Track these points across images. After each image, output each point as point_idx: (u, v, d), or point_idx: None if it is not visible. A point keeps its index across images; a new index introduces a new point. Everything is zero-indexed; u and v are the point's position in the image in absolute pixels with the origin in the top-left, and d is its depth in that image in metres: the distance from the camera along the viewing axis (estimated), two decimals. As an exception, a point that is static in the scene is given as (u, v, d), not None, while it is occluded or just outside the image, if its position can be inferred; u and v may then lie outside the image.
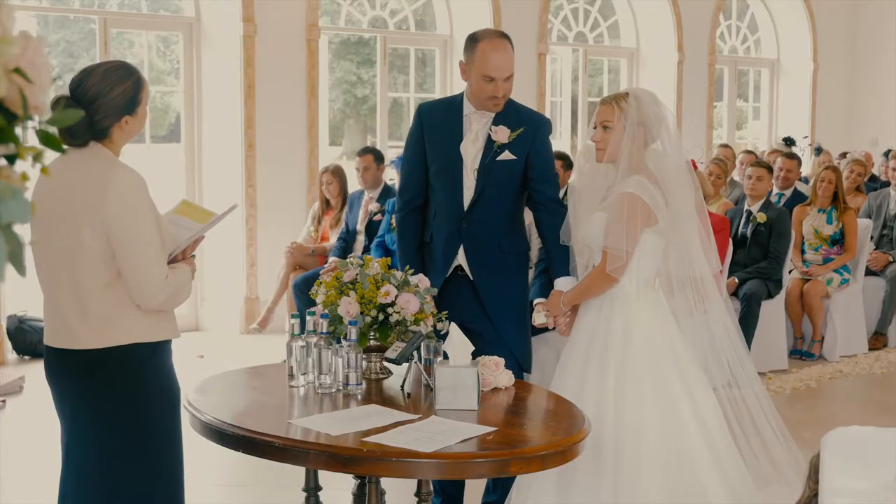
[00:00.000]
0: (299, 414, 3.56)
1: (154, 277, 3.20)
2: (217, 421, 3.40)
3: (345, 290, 3.93)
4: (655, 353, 4.09)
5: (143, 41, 10.38)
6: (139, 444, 3.27)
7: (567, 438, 3.31)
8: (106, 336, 3.21)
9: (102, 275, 3.19)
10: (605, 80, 13.27)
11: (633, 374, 4.06)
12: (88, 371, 3.23)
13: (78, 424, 3.29)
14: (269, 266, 8.91)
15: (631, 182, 4.09)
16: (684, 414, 4.05)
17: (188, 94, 9.22)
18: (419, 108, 4.71)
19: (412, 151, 4.60)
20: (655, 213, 4.10)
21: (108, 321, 3.21)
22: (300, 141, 9.45)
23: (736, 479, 4.05)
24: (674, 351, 4.12)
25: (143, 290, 3.21)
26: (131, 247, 3.17)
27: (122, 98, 3.22)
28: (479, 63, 4.34)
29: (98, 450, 3.26)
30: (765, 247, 7.93)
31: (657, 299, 4.20)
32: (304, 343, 3.80)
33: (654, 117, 4.15)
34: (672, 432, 4.02)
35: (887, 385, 7.81)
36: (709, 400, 4.12)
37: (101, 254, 3.18)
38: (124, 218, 3.15)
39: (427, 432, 3.28)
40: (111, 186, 3.15)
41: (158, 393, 3.31)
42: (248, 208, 9.10)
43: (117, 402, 3.23)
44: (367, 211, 8.33)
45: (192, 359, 7.96)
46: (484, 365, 3.78)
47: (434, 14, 11.16)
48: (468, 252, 4.49)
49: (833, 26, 14.20)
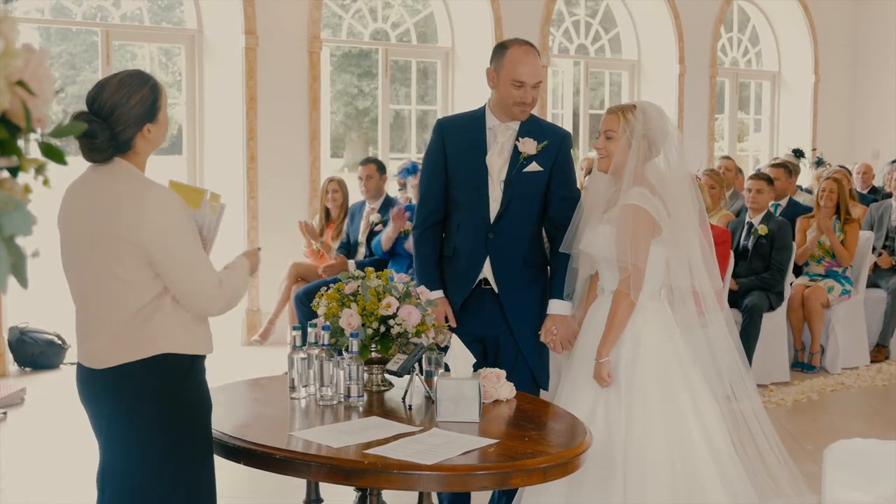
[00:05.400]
0: (300, 426, 3.56)
1: (207, 289, 3.15)
2: (218, 433, 3.40)
3: (346, 302, 3.93)
4: (662, 364, 4.10)
5: (146, 53, 10.41)
6: (180, 462, 3.19)
7: (568, 451, 3.30)
8: (137, 349, 3.13)
9: (140, 296, 3.11)
10: (606, 93, 13.29)
11: (642, 384, 4.06)
12: (118, 387, 3.15)
13: (115, 441, 3.20)
14: (270, 278, 8.91)
15: (633, 194, 4.10)
16: (690, 424, 4.06)
17: (190, 105, 9.24)
18: (439, 122, 4.68)
19: (432, 166, 4.56)
20: (659, 224, 4.11)
21: (140, 336, 3.13)
22: (302, 153, 9.46)
23: (739, 488, 4.06)
24: (680, 361, 4.13)
25: (198, 304, 3.16)
26: (177, 267, 3.10)
27: (141, 106, 3.14)
28: (509, 68, 4.37)
29: (139, 465, 3.16)
30: (766, 259, 7.93)
31: (663, 310, 4.21)
32: (305, 355, 3.80)
33: (658, 131, 4.17)
34: (678, 441, 4.03)
35: (889, 397, 7.81)
36: (713, 410, 4.13)
37: (138, 277, 3.10)
38: (164, 240, 3.08)
39: (428, 444, 3.28)
40: (145, 209, 3.07)
41: (197, 406, 3.24)
42: (250, 220, 9.11)
43: (153, 416, 3.14)
44: (369, 222, 8.34)
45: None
46: (485, 377, 3.78)
47: (435, 26, 11.18)
48: (494, 265, 4.46)
49: (834, 38, 14.22)
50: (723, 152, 13.36)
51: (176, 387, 3.18)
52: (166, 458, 3.16)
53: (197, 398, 3.25)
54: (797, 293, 8.33)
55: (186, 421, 3.20)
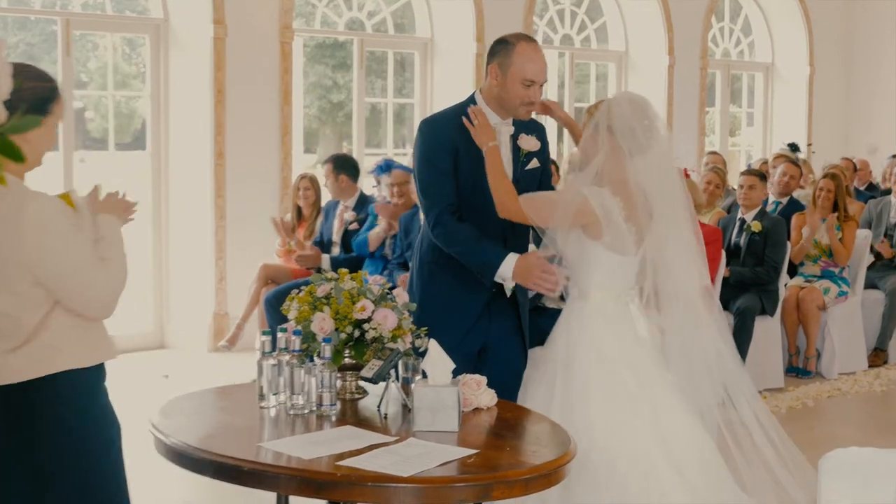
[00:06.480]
0: (270, 436, 3.54)
1: (99, 289, 3.04)
2: (183, 444, 3.38)
3: (318, 305, 3.91)
4: (612, 374, 4.18)
5: (108, 43, 10.34)
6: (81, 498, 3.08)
7: (551, 461, 3.30)
8: (29, 368, 3.01)
9: (31, 317, 3.02)
10: (592, 86, 13.31)
11: (582, 389, 4.16)
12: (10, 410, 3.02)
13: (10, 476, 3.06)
14: (238, 280, 8.88)
15: (591, 189, 4.19)
16: (641, 433, 4.09)
17: (155, 99, 9.20)
18: (434, 124, 4.60)
19: (443, 162, 4.45)
20: (602, 226, 4.18)
21: (32, 355, 3.02)
22: (273, 149, 9.43)
23: (712, 499, 4.08)
24: (636, 370, 4.21)
25: (93, 307, 3.06)
26: (65, 279, 3.00)
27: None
28: (518, 65, 4.37)
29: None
30: (759, 257, 7.94)
31: (626, 316, 4.29)
32: (275, 361, 3.78)
33: (626, 124, 4.23)
34: (625, 451, 4.05)
35: (888, 404, 7.84)
36: (681, 421, 4.16)
37: (29, 297, 3.01)
38: (48, 255, 2.97)
39: (404, 455, 3.27)
40: (24, 226, 2.96)
41: (103, 432, 3.13)
42: (218, 219, 9.07)
43: (50, 447, 3.01)
44: (343, 220, 8.32)
45: (156, 379, 7.93)
46: (465, 384, 3.77)
47: (413, 16, 11.17)
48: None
49: (830, 28, 14.29)
50: (714, 147, 13.40)
51: (74, 410, 3.06)
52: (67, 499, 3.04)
53: (101, 420, 3.13)
54: (792, 295, 8.35)
55: (90, 453, 3.09)
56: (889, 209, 9.45)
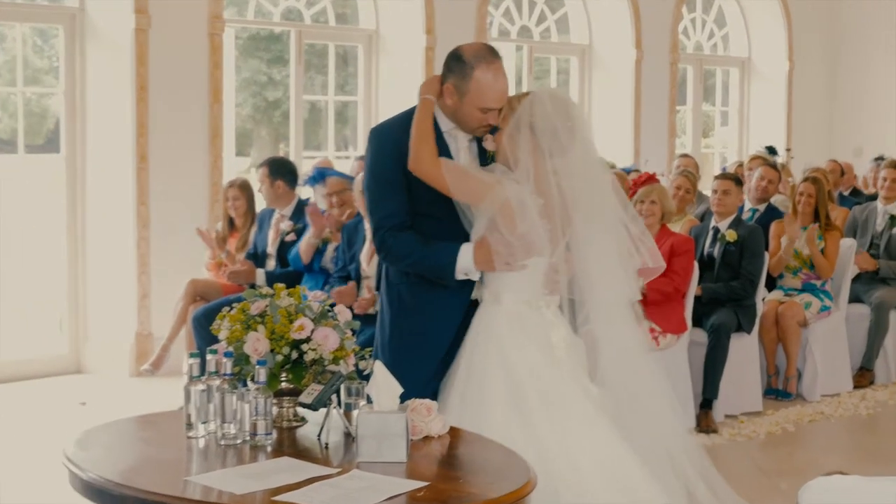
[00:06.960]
0: (199, 469, 3.53)
1: None
2: (101, 479, 3.36)
3: (252, 324, 3.91)
4: (513, 383, 4.32)
5: (17, 34, 10.25)
6: None
7: (509, 493, 3.31)
8: None
9: None
10: (552, 82, 13.36)
11: (480, 397, 4.31)
12: None
13: None
14: (163, 297, 8.83)
15: (514, 186, 4.32)
16: (547, 443, 4.21)
17: (70, 96, 9.13)
18: (382, 132, 4.64)
19: (393, 174, 4.48)
20: (517, 223, 4.32)
21: None
22: (201, 151, 9.40)
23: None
24: (537, 380, 4.32)
25: None
26: None
27: None
28: (477, 94, 4.39)
29: None
30: (735, 269, 7.94)
31: (534, 322, 4.43)
32: (204, 387, 3.77)
33: (550, 127, 4.37)
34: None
35: (874, 428, 7.90)
36: (588, 435, 4.26)
37: None
38: None
39: (347, 489, 3.27)
40: None
41: None
42: (140, 229, 9.02)
43: None
44: (279, 231, 8.29)
45: (72, 406, 7.86)
46: (413, 409, 3.78)
47: (357, 5, 11.18)
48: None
49: (811, 20, 14.45)
50: (685, 149, 13.50)
51: None
52: None
53: None
54: (770, 310, 8.41)
55: None
56: (875, 216, 9.49)
